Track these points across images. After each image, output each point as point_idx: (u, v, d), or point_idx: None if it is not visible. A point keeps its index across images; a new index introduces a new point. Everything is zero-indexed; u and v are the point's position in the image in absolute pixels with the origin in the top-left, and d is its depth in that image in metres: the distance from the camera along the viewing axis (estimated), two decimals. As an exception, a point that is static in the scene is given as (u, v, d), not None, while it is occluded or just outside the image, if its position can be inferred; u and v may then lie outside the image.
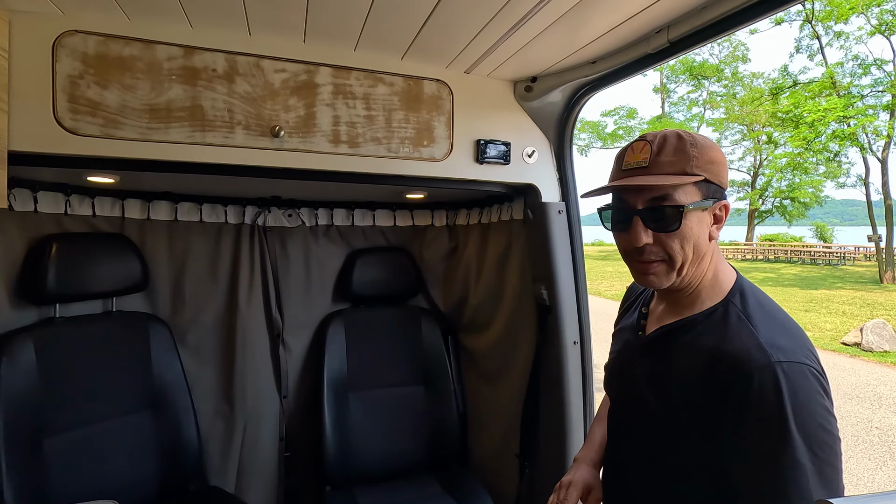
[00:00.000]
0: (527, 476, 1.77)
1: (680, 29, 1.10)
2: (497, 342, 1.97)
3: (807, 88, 17.61)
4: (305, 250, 2.13)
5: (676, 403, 0.80)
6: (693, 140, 0.80)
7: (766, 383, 0.69)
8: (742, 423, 0.71)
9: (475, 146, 1.56)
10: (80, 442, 1.57)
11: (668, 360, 0.84)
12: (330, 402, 1.97)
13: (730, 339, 0.75)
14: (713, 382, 0.74)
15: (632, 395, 0.91)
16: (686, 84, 26.32)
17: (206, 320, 1.94)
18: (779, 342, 0.72)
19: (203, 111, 1.28)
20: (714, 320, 0.80)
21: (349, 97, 1.42)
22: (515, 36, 1.27)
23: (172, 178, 1.54)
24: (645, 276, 0.83)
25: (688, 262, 0.81)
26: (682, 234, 0.79)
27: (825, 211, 59.03)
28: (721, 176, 0.81)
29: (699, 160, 0.79)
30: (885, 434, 5.03)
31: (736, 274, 0.86)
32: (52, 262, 1.55)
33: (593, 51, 1.34)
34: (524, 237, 1.75)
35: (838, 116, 15.40)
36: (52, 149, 1.17)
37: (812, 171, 21.90)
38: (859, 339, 8.34)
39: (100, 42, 1.19)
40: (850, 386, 6.45)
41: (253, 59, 1.32)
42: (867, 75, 16.81)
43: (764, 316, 0.77)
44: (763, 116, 21.47)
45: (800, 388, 0.69)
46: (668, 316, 0.88)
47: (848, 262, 21.49)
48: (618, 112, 27.55)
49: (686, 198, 0.79)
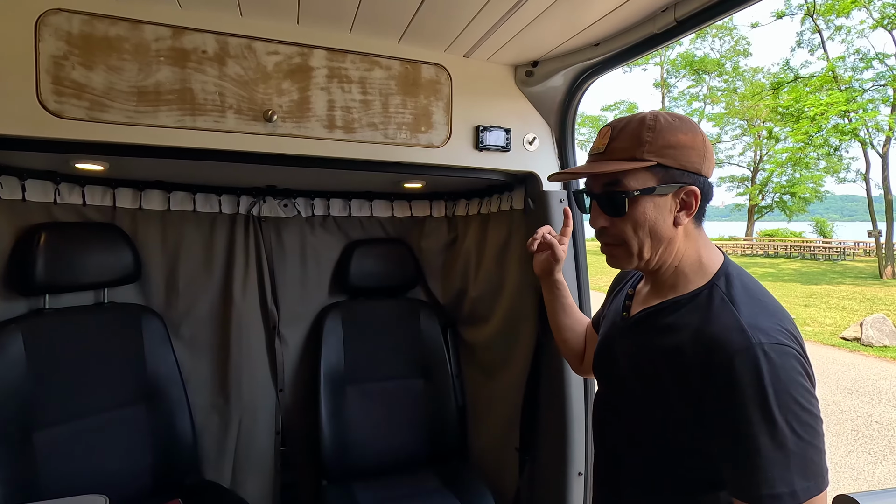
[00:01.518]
0: (527, 470, 1.74)
1: (688, 6, 1.06)
2: (497, 335, 1.93)
3: (808, 83, 17.54)
4: (301, 241, 2.10)
5: (658, 384, 0.80)
6: (654, 124, 0.79)
7: (747, 364, 0.69)
8: (724, 404, 0.70)
9: (474, 132, 1.51)
10: (72, 436, 1.54)
11: (651, 341, 0.83)
12: (327, 396, 1.94)
13: (712, 320, 0.75)
14: (695, 364, 0.74)
15: (616, 376, 0.92)
16: (686, 79, 26.23)
17: (200, 312, 1.91)
18: (760, 324, 0.72)
19: (193, 94, 1.24)
20: (698, 302, 0.80)
21: (345, 81, 1.38)
22: (515, 17, 1.23)
23: (164, 165, 1.50)
24: (609, 259, 0.87)
25: (645, 248, 0.82)
26: (634, 219, 0.81)
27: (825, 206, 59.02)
28: (685, 160, 0.79)
29: (653, 145, 0.78)
30: (884, 428, 5.03)
31: (723, 257, 0.85)
32: (41, 252, 1.52)
33: (596, 32, 1.29)
34: (525, 228, 1.72)
35: (840, 111, 15.35)
36: (35, 132, 1.13)
37: (812, 166, 21.87)
38: (859, 333, 8.35)
39: (85, 21, 1.15)
40: (851, 381, 6.45)
41: (245, 40, 1.28)
42: (869, 69, 16.76)
43: (748, 298, 0.77)
44: (764, 111, 21.41)
45: (781, 369, 0.68)
46: (653, 298, 0.88)
47: (848, 257, 21.51)
48: (618, 107, 27.48)
49: (636, 183, 0.79)
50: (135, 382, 1.69)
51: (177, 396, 1.75)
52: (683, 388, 0.75)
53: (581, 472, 1.59)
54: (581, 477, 1.59)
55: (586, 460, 1.60)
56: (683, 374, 0.75)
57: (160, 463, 1.70)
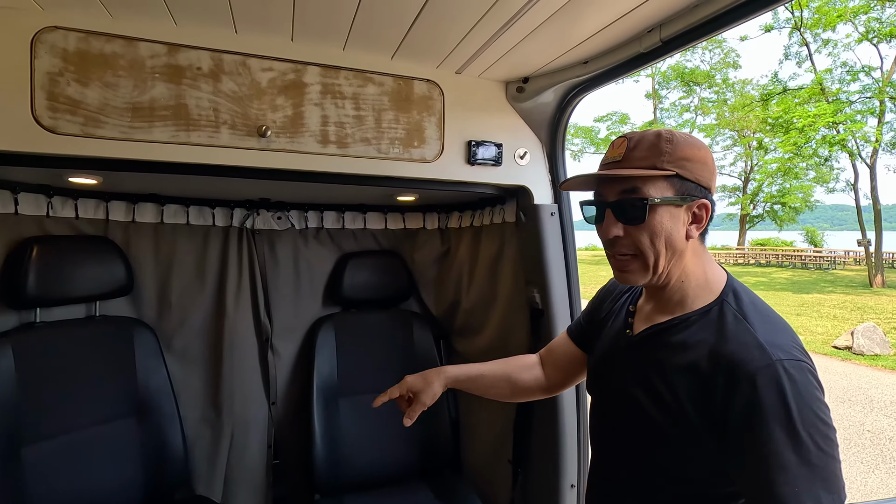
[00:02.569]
0: (520, 482, 1.74)
1: (672, 27, 1.09)
2: (490, 346, 1.94)
3: (796, 94, 17.84)
4: (295, 253, 2.10)
5: (671, 400, 0.79)
6: (671, 137, 0.81)
7: (769, 381, 0.69)
8: (748, 421, 0.70)
9: (466, 147, 1.54)
10: (61, 450, 1.53)
11: (663, 358, 0.83)
12: (320, 408, 1.93)
13: (728, 337, 0.76)
14: (715, 381, 0.74)
15: (620, 395, 0.90)
16: (678, 90, 26.58)
17: (192, 325, 1.90)
18: (777, 340, 0.73)
19: (187, 110, 1.25)
20: (710, 319, 0.80)
21: (338, 97, 1.40)
22: (506, 35, 1.25)
23: (158, 179, 1.51)
24: (623, 274, 0.85)
25: (661, 258, 0.81)
26: (651, 227, 0.80)
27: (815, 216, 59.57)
28: (699, 174, 0.81)
29: (672, 156, 0.79)
30: (876, 437, 5.06)
31: (727, 275, 0.86)
32: (33, 266, 1.51)
33: (585, 50, 1.32)
34: (517, 240, 1.73)
35: (827, 122, 15.61)
36: (29, 148, 1.14)
37: (802, 177, 22.17)
38: (850, 342, 8.41)
39: (80, 39, 1.16)
40: (842, 389, 6.49)
41: (239, 57, 1.30)
42: (855, 81, 17.08)
43: (759, 315, 0.77)
44: (754, 122, 21.71)
45: (801, 385, 0.70)
46: (658, 315, 0.87)
47: (838, 266, 21.72)
48: (610, 118, 27.78)
49: (656, 192, 0.79)
50: (126, 396, 1.68)
51: (168, 410, 1.74)
52: (702, 404, 0.75)
53: (574, 484, 1.60)
54: (574, 489, 1.60)
55: (579, 472, 1.61)
56: (702, 391, 0.75)
57: (150, 477, 1.68)
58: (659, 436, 0.81)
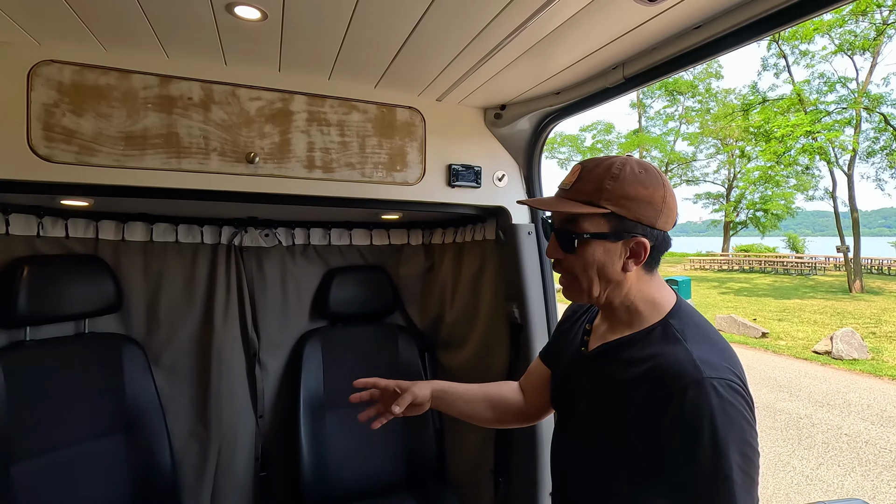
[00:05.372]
0: (501, 492, 1.80)
1: (634, 66, 1.17)
2: (472, 359, 2.00)
3: (775, 105, 18.29)
4: (282, 270, 2.15)
5: (618, 414, 0.84)
6: (619, 173, 0.83)
7: (698, 397, 0.73)
8: (677, 433, 0.74)
9: (447, 170, 1.61)
10: (50, 467, 1.55)
11: (611, 374, 0.88)
12: (306, 422, 1.97)
13: (667, 354, 0.80)
14: (652, 394, 0.79)
15: (576, 410, 0.95)
16: (662, 99, 27.07)
17: (181, 341, 1.94)
18: (710, 359, 0.77)
19: (179, 138, 1.31)
20: (652, 337, 0.84)
21: (323, 124, 1.46)
22: (485, 67, 1.33)
23: (149, 201, 1.55)
24: (565, 291, 0.92)
25: (594, 285, 0.87)
26: (583, 258, 0.85)
27: (797, 222, 60.69)
28: (640, 213, 0.83)
29: (611, 194, 0.82)
30: (853, 440, 5.19)
31: (676, 297, 0.91)
32: (23, 286, 1.54)
33: (557, 82, 1.41)
34: (497, 257, 1.80)
35: (806, 131, 16.01)
36: (24, 175, 1.18)
37: (783, 184, 22.65)
38: (830, 347, 8.60)
39: (75, 71, 1.22)
40: (822, 394, 6.64)
41: (229, 87, 1.36)
42: (832, 92, 17.56)
43: (699, 335, 0.83)
44: (736, 131, 22.18)
45: (728, 404, 0.73)
46: (610, 334, 0.92)
47: (819, 272, 22.16)
48: (595, 127, 28.23)
49: (591, 227, 0.84)
50: (114, 412, 1.71)
51: (156, 425, 1.77)
52: (642, 417, 0.79)
53: (552, 492, 1.66)
54: (552, 498, 1.66)
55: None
56: (642, 405, 0.79)
57: (139, 492, 1.71)
58: (610, 447, 0.86)
